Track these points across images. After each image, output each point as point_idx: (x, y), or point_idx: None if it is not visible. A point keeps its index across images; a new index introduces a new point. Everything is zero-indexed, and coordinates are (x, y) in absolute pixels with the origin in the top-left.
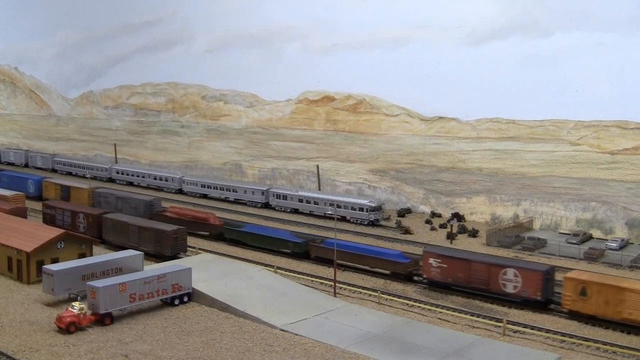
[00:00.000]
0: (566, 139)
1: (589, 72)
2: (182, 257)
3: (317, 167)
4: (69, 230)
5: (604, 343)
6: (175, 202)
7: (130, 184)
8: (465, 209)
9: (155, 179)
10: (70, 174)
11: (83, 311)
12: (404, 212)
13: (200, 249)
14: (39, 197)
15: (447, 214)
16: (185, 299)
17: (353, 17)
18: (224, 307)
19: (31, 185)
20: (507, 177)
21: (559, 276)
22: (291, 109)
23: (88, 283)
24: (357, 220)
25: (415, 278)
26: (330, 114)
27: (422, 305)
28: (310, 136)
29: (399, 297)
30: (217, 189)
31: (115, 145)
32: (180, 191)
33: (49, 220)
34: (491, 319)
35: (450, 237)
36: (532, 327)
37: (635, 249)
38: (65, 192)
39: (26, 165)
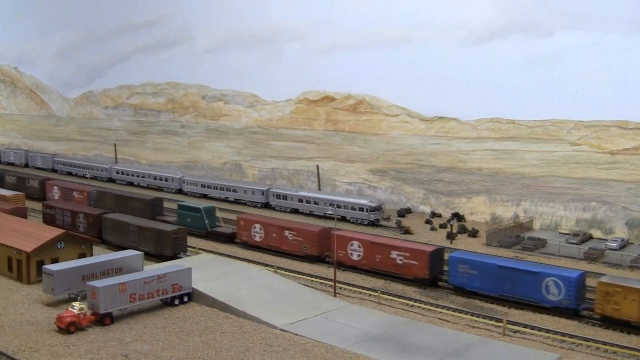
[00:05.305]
0: (566, 139)
1: (589, 72)
2: (182, 257)
3: (317, 167)
4: (69, 230)
5: (604, 343)
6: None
7: (131, 184)
8: (465, 209)
9: (155, 179)
10: (70, 174)
11: (83, 311)
12: (404, 212)
13: (200, 249)
14: None
15: (447, 214)
16: (185, 299)
17: (353, 17)
18: (224, 307)
19: (557, 289)
20: (507, 177)
21: None
22: (291, 109)
23: (88, 283)
24: (357, 220)
25: None
26: (330, 114)
27: (422, 305)
28: (310, 136)
29: (399, 297)
30: (217, 189)
31: (115, 145)
32: (180, 191)
33: (49, 220)
34: (491, 319)
35: (450, 237)
36: (532, 327)
37: (635, 249)
38: None
39: (26, 165)
